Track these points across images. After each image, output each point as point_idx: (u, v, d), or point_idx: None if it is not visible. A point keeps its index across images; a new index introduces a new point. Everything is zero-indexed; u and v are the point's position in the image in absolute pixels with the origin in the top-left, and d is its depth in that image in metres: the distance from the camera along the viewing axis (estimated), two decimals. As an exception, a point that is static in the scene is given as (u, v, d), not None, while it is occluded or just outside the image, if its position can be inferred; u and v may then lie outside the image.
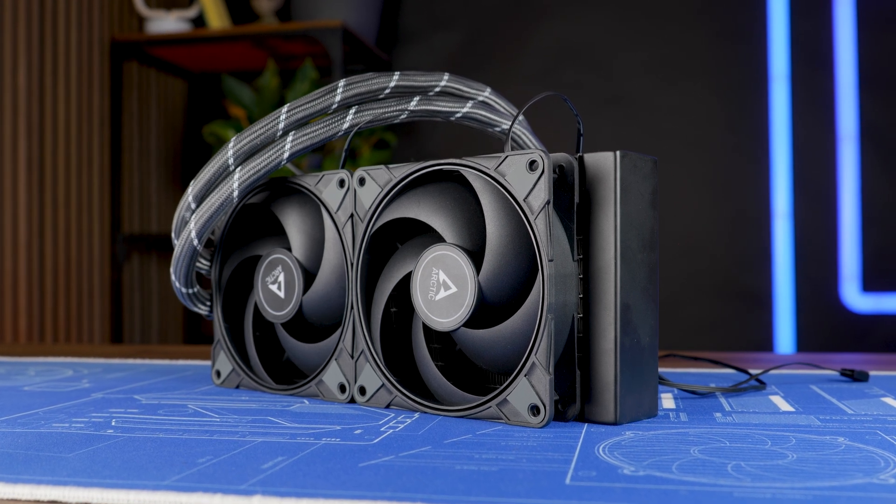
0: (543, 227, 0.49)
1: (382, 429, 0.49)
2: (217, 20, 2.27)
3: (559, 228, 0.50)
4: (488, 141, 2.31)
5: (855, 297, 2.28)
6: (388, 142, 2.31)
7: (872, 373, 0.72)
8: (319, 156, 2.21)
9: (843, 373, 0.69)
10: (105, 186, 2.17)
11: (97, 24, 2.15)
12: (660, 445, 0.44)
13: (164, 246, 2.42)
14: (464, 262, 0.52)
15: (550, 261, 0.49)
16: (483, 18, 2.42)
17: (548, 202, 0.49)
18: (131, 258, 2.27)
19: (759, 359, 0.86)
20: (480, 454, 0.42)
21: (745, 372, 0.69)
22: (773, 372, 0.72)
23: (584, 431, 0.48)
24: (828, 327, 2.28)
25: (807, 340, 2.28)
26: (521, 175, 0.50)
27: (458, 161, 0.53)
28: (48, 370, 0.78)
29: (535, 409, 0.49)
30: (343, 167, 0.61)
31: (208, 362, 0.84)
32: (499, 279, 0.51)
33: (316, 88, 2.12)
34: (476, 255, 0.52)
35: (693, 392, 0.61)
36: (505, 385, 0.50)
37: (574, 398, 0.51)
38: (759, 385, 0.64)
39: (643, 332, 0.52)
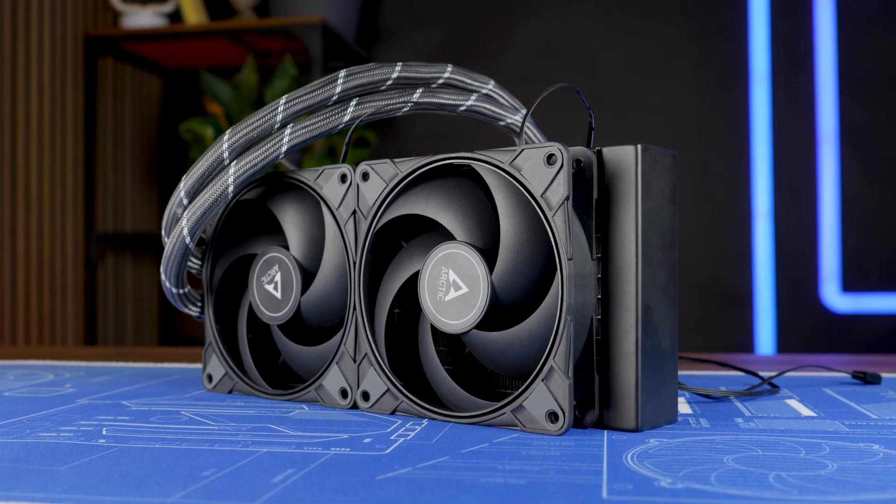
0: (562, 225, 0.46)
1: (392, 437, 0.47)
2: (194, 15, 2.22)
3: (577, 226, 0.48)
4: (471, 138, 2.29)
5: (835, 297, 2.28)
6: (367, 139, 2.28)
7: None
8: (298, 154, 2.17)
9: (855, 375, 0.67)
10: (79, 184, 2.12)
11: (71, 18, 2.11)
12: (689, 454, 0.42)
13: (138, 245, 2.37)
14: (476, 261, 0.49)
15: (569, 259, 0.46)
16: (464, 16, 2.40)
17: (567, 198, 0.46)
18: (105, 257, 2.23)
19: (763, 360, 0.84)
20: (503, 465, 0.40)
21: (754, 374, 0.67)
22: (770, 374, 0.70)
23: (605, 439, 0.46)
24: (807, 327, 2.27)
25: (787, 340, 2.28)
26: (538, 170, 0.47)
27: (469, 155, 0.51)
28: (28, 374, 0.75)
29: (553, 416, 0.47)
30: (344, 161, 0.58)
31: (195, 365, 0.81)
32: (513, 279, 0.49)
33: (296, 85, 2.09)
34: (488, 253, 0.50)
35: (707, 396, 0.59)
36: (521, 390, 0.48)
37: (592, 404, 0.49)
38: (773, 388, 0.62)
39: (663, 334, 0.50)
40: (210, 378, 0.64)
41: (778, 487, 0.36)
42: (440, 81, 0.61)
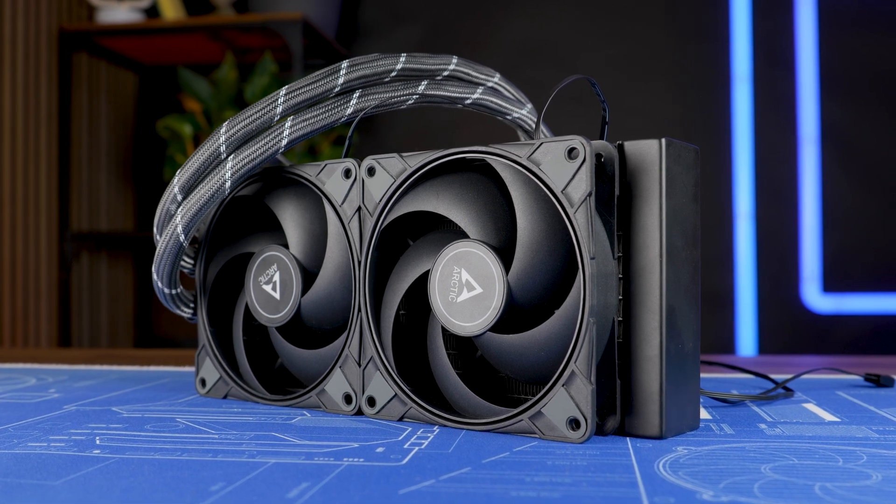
0: (584, 222, 0.44)
1: (406, 446, 0.44)
2: (171, 11, 2.18)
3: (598, 223, 0.45)
4: (453, 136, 2.27)
5: (815, 297, 2.28)
6: (348, 138, 2.24)
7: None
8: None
9: (868, 378, 0.65)
10: (53, 182, 2.08)
11: (45, 12, 2.06)
12: (723, 463, 0.40)
13: (114, 244, 2.33)
14: (491, 260, 0.47)
15: (592, 258, 0.44)
16: (444, 14, 2.37)
17: (590, 194, 0.44)
18: (80, 257, 2.18)
19: (769, 362, 0.82)
20: (531, 477, 0.38)
21: (765, 377, 0.65)
22: (779, 376, 0.68)
23: (630, 447, 0.44)
24: (789, 328, 2.27)
25: (768, 341, 2.27)
26: (558, 164, 0.45)
27: (484, 149, 0.48)
28: (8, 378, 0.72)
29: (574, 423, 0.45)
30: (346, 156, 0.56)
31: (182, 368, 0.78)
32: (530, 279, 0.46)
33: (276, 82, 2.05)
34: (504, 252, 0.47)
35: (724, 400, 0.57)
36: (539, 396, 0.46)
37: (614, 409, 0.46)
38: (787, 392, 0.60)
39: (687, 336, 0.48)
40: (203, 382, 0.61)
41: (827, 500, 0.34)
42: (445, 73, 0.59)
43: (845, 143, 2.23)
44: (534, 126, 0.64)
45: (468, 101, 0.59)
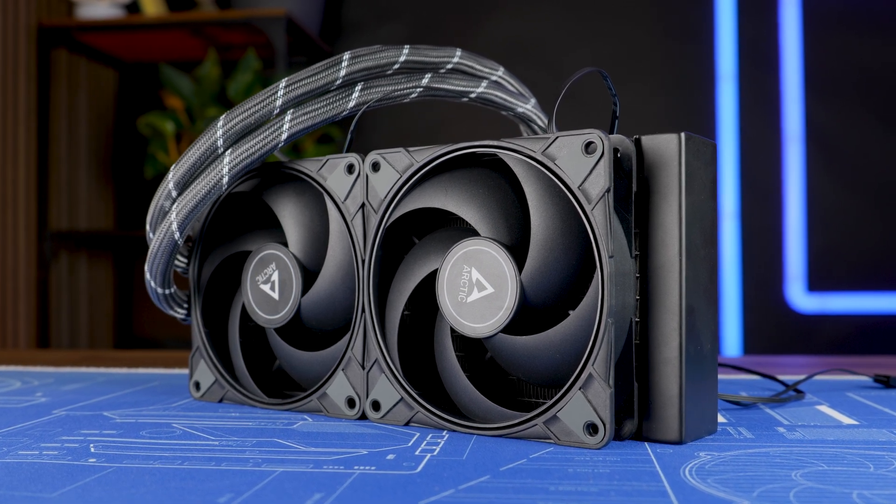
0: (602, 219, 0.42)
1: (417, 453, 0.42)
2: (152, 6, 2.15)
3: (616, 220, 0.44)
4: (437, 135, 2.25)
5: (800, 297, 2.28)
6: (332, 136, 2.22)
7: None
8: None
9: (878, 379, 0.64)
10: (31, 181, 2.04)
11: (23, 7, 2.02)
12: (751, 470, 0.38)
13: (93, 244, 2.29)
14: (503, 259, 0.45)
15: (611, 257, 0.42)
16: (429, 12, 2.35)
17: (608, 190, 0.42)
18: (59, 256, 2.14)
19: (769, 362, 0.81)
20: (555, 486, 0.36)
21: (774, 378, 0.64)
22: (786, 377, 0.67)
23: (651, 453, 0.42)
24: (773, 327, 2.27)
25: (752, 341, 2.27)
26: (574, 159, 0.43)
27: (495, 143, 0.46)
28: (-9, 382, 0.69)
29: (592, 428, 0.43)
30: (348, 151, 0.54)
31: (172, 370, 0.76)
32: (545, 278, 0.45)
33: (259, 79, 2.03)
34: (516, 250, 0.46)
35: (737, 403, 0.56)
36: (555, 400, 0.44)
37: (631, 413, 0.45)
38: (798, 394, 0.59)
39: (705, 338, 0.46)
40: (198, 386, 0.59)
41: (870, 510, 0.32)
42: (449, 66, 0.57)
43: (830, 143, 2.23)
44: (538, 120, 0.62)
45: (473, 95, 0.57)
